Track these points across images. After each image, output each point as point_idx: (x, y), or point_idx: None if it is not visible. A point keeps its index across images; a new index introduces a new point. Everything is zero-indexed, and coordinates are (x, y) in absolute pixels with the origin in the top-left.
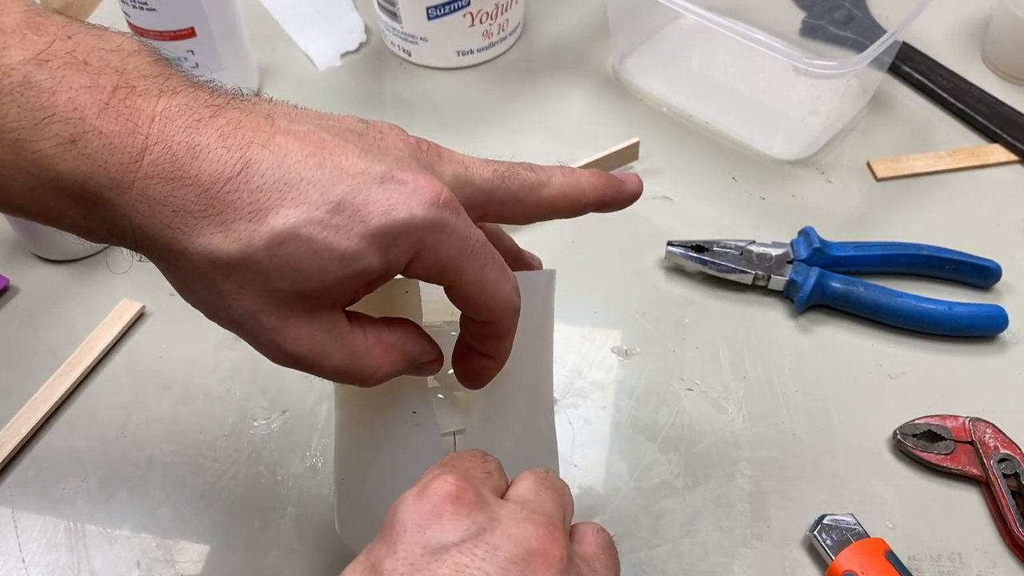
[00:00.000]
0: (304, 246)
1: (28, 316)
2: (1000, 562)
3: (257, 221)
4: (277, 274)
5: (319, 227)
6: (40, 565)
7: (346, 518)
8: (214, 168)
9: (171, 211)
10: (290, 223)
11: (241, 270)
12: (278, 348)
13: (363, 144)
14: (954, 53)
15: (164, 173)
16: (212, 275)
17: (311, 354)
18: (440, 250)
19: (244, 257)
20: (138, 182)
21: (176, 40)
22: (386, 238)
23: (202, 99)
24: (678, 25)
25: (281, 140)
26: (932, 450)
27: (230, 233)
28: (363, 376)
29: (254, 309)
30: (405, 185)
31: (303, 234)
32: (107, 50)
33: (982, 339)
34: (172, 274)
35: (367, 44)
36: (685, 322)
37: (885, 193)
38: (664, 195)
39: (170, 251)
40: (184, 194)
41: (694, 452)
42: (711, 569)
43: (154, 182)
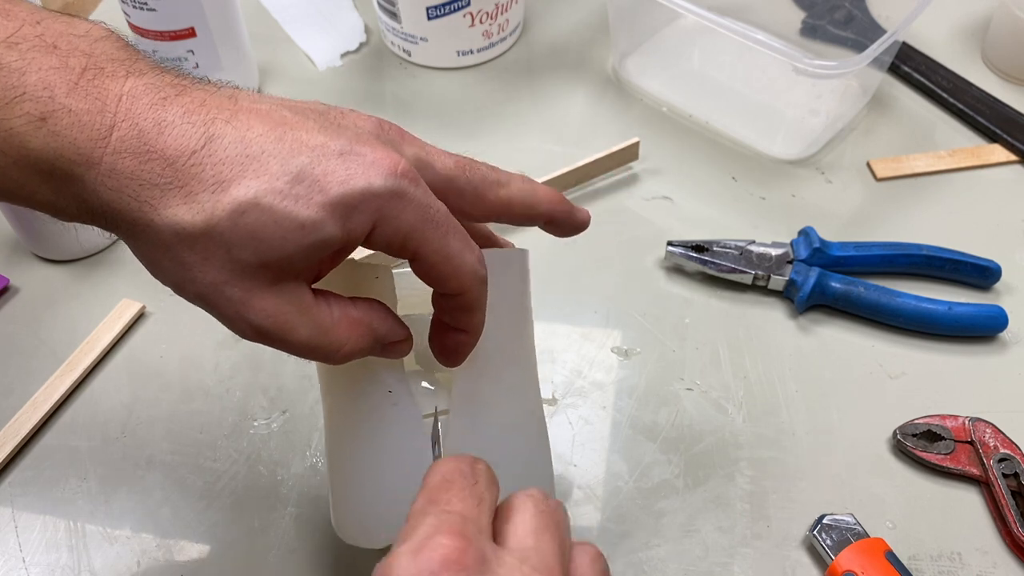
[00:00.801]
0: (265, 215)
1: (28, 316)
2: (1000, 562)
3: (220, 192)
4: (239, 244)
5: (279, 197)
6: (40, 565)
7: (338, 509)
8: (179, 143)
9: (138, 185)
10: (251, 193)
11: (205, 241)
12: (244, 320)
13: (323, 122)
14: (954, 53)
15: (131, 148)
16: (177, 247)
17: (276, 327)
18: (400, 219)
19: (207, 228)
20: (106, 157)
21: (176, 40)
22: (345, 207)
23: (168, 80)
24: (678, 25)
25: (244, 117)
26: (932, 450)
27: (194, 204)
28: (329, 351)
29: (218, 281)
30: (363, 157)
31: (264, 203)
32: (75, 35)
33: (982, 339)
34: (140, 248)
35: (367, 44)
36: (685, 322)
37: (885, 193)
38: (664, 195)
39: (137, 224)
40: (150, 168)
41: (694, 452)
42: (711, 569)
43: (122, 157)
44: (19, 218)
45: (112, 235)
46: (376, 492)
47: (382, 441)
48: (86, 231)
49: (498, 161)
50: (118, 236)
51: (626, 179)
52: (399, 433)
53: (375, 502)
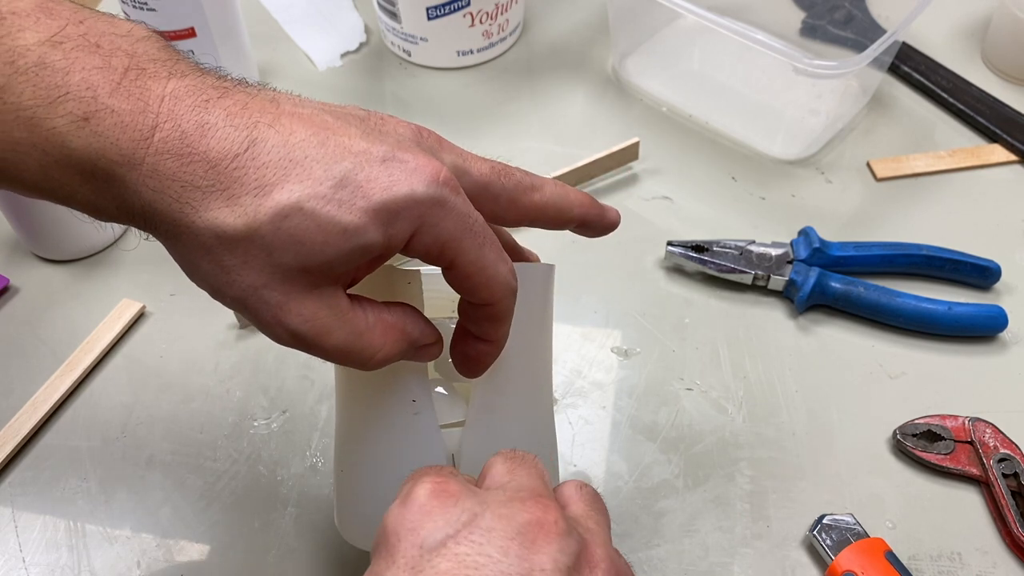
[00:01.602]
0: (308, 220)
1: (28, 316)
2: (1000, 562)
3: (263, 196)
4: (281, 248)
5: (323, 201)
6: (40, 565)
7: (344, 511)
8: (222, 145)
9: (180, 186)
10: (294, 197)
11: (246, 244)
12: (281, 324)
13: (365, 127)
14: (954, 53)
15: (174, 150)
16: (218, 249)
17: (313, 331)
18: (440, 227)
19: (249, 231)
20: (148, 158)
21: (176, 40)
22: (388, 213)
23: (209, 82)
24: (678, 25)
25: (286, 121)
26: (932, 450)
27: (236, 207)
28: (365, 356)
29: (257, 284)
30: (406, 164)
31: (307, 208)
32: (118, 35)
33: (982, 339)
34: (178, 250)
35: (367, 44)
36: (685, 322)
37: (885, 193)
38: (664, 195)
39: (178, 226)
40: (193, 170)
41: (694, 452)
42: (711, 569)
43: (164, 158)
44: (19, 218)
45: (118, 237)
46: (388, 498)
47: (401, 449)
48: (86, 231)
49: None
50: (157, 238)
51: (626, 179)
52: (418, 442)
53: (385, 507)
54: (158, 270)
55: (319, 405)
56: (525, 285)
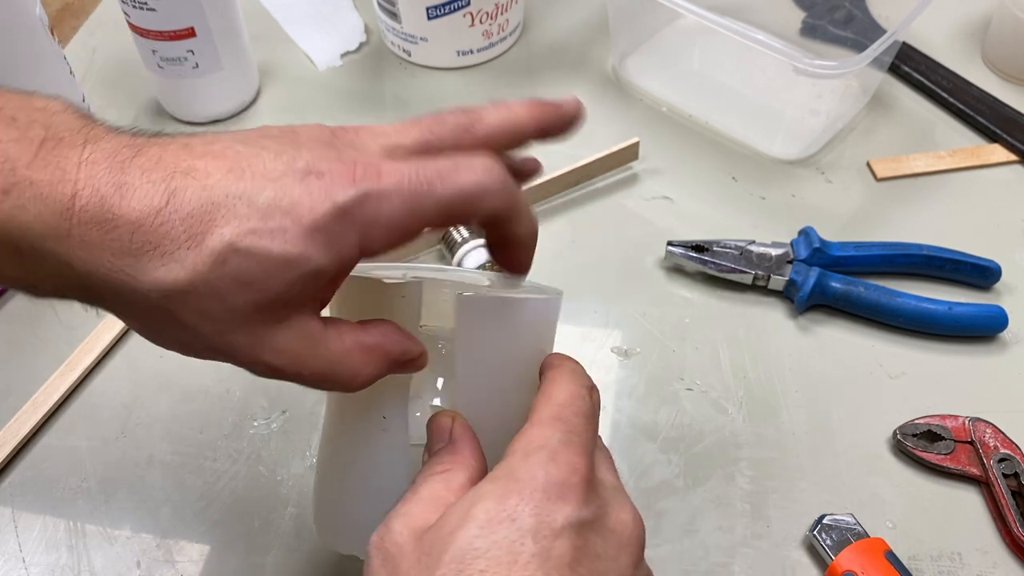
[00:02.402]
0: (246, 259)
1: (28, 316)
2: (1000, 562)
3: (196, 246)
4: (230, 292)
5: (255, 236)
6: (40, 565)
7: (319, 512)
8: (142, 204)
9: (111, 254)
10: (226, 239)
11: (196, 296)
12: (258, 363)
13: (278, 148)
14: (954, 53)
15: (96, 217)
16: (171, 308)
17: (289, 363)
18: (384, 216)
19: (194, 283)
20: (74, 229)
21: (176, 40)
22: (323, 232)
23: (124, 141)
24: (678, 25)
25: (200, 164)
26: (932, 450)
27: (174, 263)
28: (345, 380)
29: (223, 331)
30: (322, 175)
31: (242, 247)
32: (34, 108)
33: (982, 339)
34: (134, 318)
35: (367, 44)
36: (685, 322)
37: (885, 193)
38: (664, 195)
39: (122, 294)
40: (119, 235)
41: (694, 452)
42: (711, 569)
43: (89, 227)
44: None
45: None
46: (353, 505)
47: (367, 462)
48: None
49: None
50: (105, 310)
51: (626, 179)
52: (383, 459)
53: (352, 513)
54: None
55: (319, 405)
56: (528, 317)
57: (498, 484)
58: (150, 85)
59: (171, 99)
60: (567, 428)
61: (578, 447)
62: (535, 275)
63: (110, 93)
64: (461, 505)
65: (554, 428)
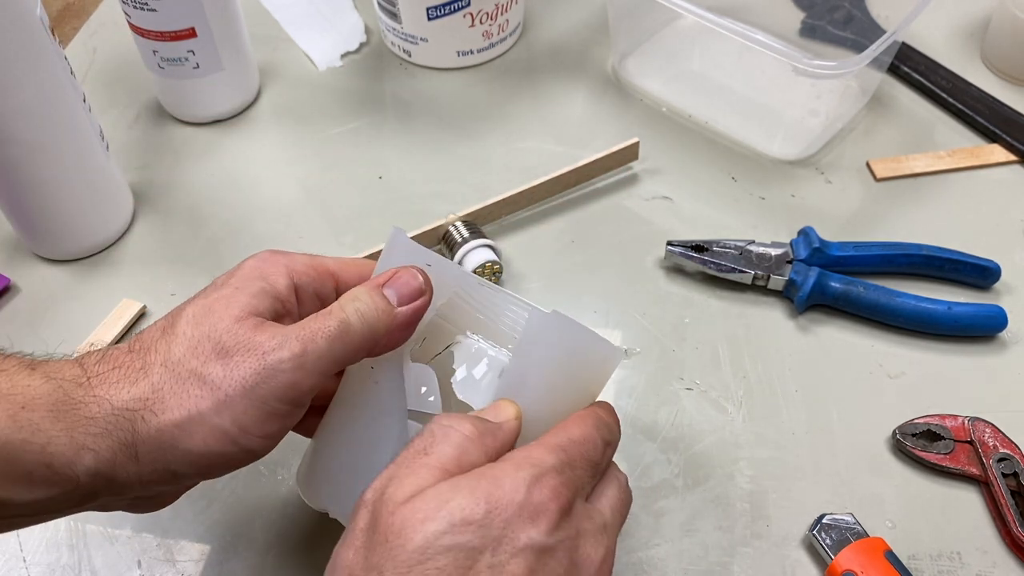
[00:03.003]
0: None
1: (28, 316)
2: (999, 561)
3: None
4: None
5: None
6: (41, 564)
7: (303, 463)
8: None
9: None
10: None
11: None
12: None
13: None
14: (954, 53)
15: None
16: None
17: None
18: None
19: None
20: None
21: (176, 40)
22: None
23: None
24: (678, 25)
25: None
26: (931, 450)
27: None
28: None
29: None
30: None
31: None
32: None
33: (982, 339)
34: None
35: (367, 44)
36: (685, 322)
37: (885, 193)
38: (664, 195)
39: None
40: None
41: (694, 452)
42: (711, 569)
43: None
44: (20, 218)
45: (118, 237)
46: (331, 460)
47: (352, 416)
48: (87, 231)
49: (498, 161)
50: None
51: (626, 179)
52: (369, 417)
53: (328, 468)
54: (158, 270)
55: None
56: (588, 355)
57: (483, 483)
58: (150, 85)
59: (171, 99)
60: (566, 459)
61: (568, 480)
62: (535, 274)
63: (110, 93)
64: (447, 488)
65: (555, 455)
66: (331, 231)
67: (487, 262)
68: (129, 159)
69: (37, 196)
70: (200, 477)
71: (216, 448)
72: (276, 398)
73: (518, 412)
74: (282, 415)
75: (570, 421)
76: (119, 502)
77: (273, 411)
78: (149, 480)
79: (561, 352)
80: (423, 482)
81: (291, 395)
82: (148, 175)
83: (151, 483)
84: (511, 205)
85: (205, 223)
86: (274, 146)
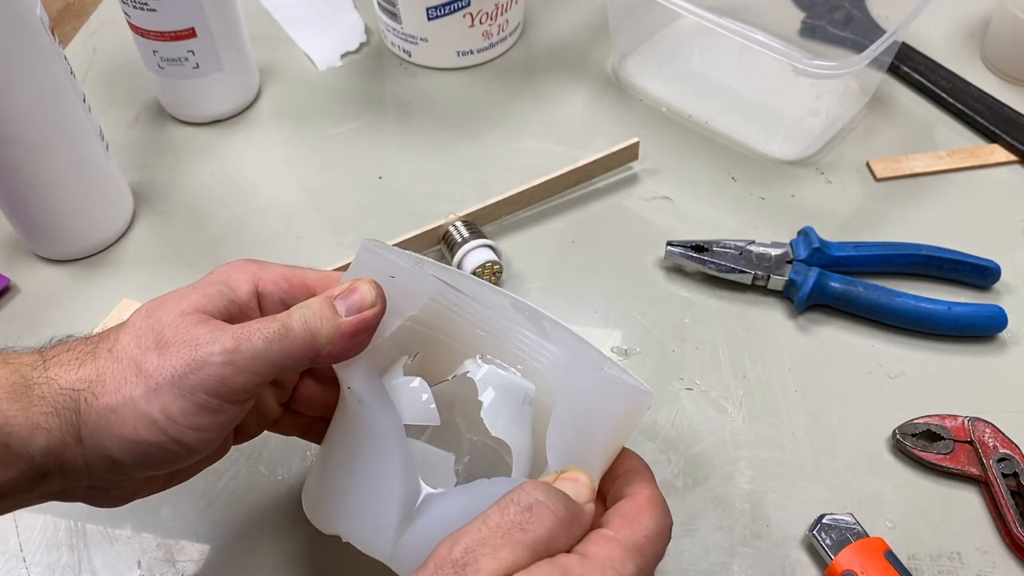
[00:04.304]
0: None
1: (28, 316)
2: (999, 561)
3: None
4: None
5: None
6: (41, 564)
7: (307, 485)
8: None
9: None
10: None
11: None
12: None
13: None
14: (954, 53)
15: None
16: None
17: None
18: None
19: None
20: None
21: (176, 40)
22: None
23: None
24: (678, 25)
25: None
26: (931, 450)
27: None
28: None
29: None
30: None
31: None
32: None
33: (981, 339)
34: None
35: (367, 44)
36: (685, 322)
37: (885, 193)
38: (664, 195)
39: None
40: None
41: (694, 452)
42: (711, 569)
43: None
44: (20, 218)
45: (118, 237)
46: (341, 486)
47: (342, 439)
48: (87, 231)
49: (498, 161)
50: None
51: (626, 179)
52: (358, 438)
53: (328, 491)
54: (158, 270)
55: None
56: (624, 404)
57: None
58: (150, 85)
59: (171, 99)
60: (643, 564)
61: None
62: (535, 274)
63: (110, 93)
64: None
65: (633, 560)
66: (331, 231)
67: (487, 262)
68: (129, 159)
69: (37, 196)
70: (140, 468)
71: (146, 436)
72: (204, 390)
73: (593, 488)
74: (212, 409)
75: (643, 508)
76: (74, 490)
77: (202, 404)
78: (94, 464)
79: (607, 414)
80: (518, 560)
81: (220, 390)
82: (148, 175)
83: (96, 468)
84: (511, 205)
85: (205, 223)
86: (274, 146)
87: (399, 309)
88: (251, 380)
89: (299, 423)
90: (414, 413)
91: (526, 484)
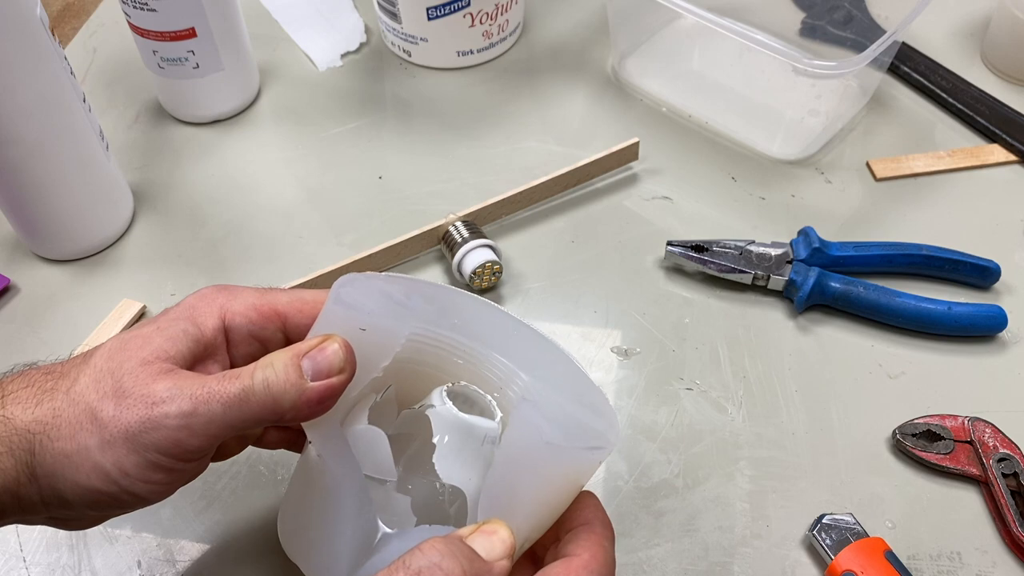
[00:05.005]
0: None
1: (28, 316)
2: (999, 561)
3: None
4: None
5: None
6: (41, 564)
7: (282, 519)
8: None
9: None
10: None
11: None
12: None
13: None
14: (954, 53)
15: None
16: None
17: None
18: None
19: None
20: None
21: (176, 40)
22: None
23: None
24: (678, 25)
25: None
26: (931, 450)
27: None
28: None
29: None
30: None
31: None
32: None
33: (981, 339)
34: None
35: (367, 44)
36: (685, 322)
37: (885, 193)
38: (664, 195)
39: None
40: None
41: (694, 452)
42: (711, 569)
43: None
44: (20, 218)
45: (118, 237)
46: (301, 528)
47: (307, 487)
48: (87, 231)
49: (498, 161)
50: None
51: (626, 179)
52: (322, 484)
53: (299, 533)
54: (158, 270)
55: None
56: (581, 465)
57: None
58: (150, 85)
59: (171, 99)
60: None
61: None
62: (535, 274)
63: (110, 93)
64: None
65: None
66: (331, 231)
67: (487, 262)
68: (129, 159)
69: (37, 196)
70: (92, 511)
71: (98, 485)
72: (157, 450)
73: (512, 544)
74: (166, 467)
75: (584, 550)
76: (35, 519)
77: (155, 462)
78: (50, 503)
79: (542, 476)
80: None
81: (174, 451)
82: (148, 175)
83: (52, 506)
84: (511, 205)
85: (205, 223)
86: (274, 146)
87: (370, 363)
88: (207, 443)
89: (285, 437)
90: (372, 467)
91: (426, 544)
